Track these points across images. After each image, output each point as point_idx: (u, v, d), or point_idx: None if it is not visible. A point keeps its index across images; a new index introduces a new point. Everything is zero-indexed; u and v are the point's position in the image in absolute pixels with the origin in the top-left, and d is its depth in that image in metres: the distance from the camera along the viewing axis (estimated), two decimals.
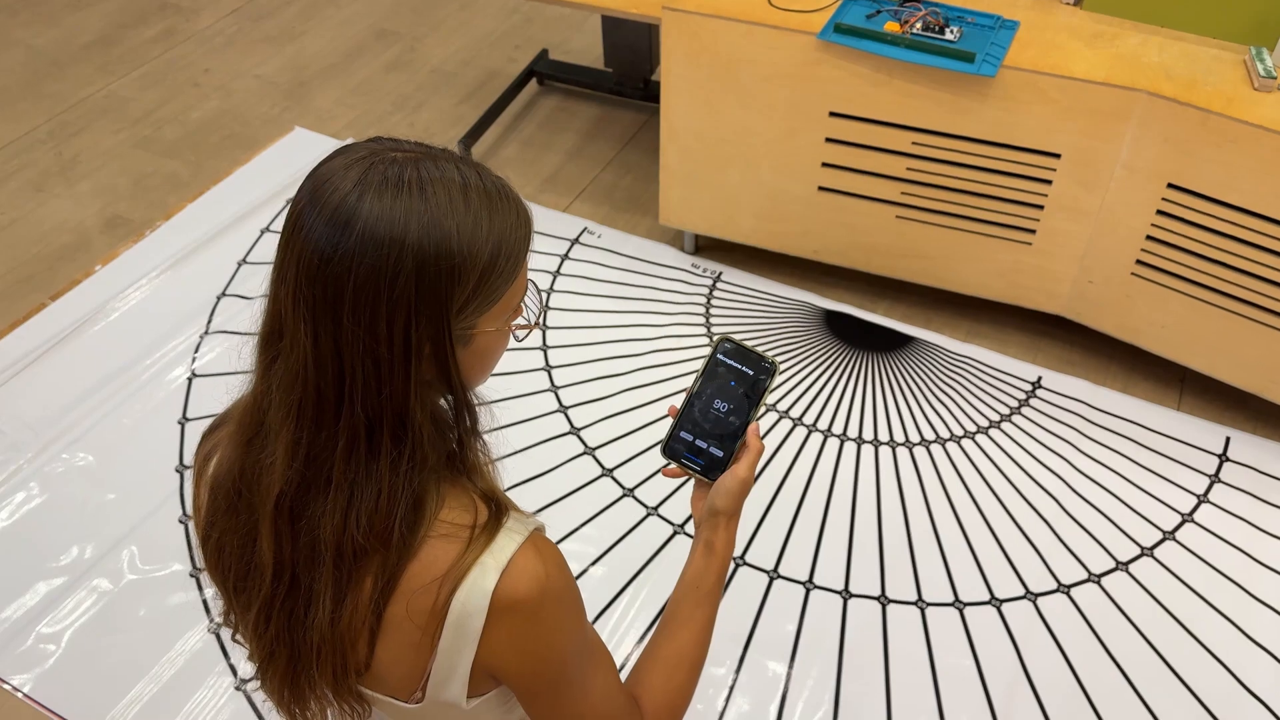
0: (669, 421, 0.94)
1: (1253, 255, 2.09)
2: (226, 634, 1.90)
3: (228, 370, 2.39)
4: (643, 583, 2.00)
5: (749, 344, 0.94)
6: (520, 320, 0.81)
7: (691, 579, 0.91)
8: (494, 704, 0.85)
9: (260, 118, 3.22)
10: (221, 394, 0.78)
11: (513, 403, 2.34)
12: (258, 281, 2.62)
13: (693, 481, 0.95)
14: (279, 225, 2.80)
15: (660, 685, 0.88)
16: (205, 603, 1.96)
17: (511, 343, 0.82)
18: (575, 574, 1.99)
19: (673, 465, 0.94)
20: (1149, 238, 2.20)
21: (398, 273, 0.70)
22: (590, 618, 1.77)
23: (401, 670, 0.79)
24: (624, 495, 2.16)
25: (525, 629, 0.77)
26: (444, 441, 0.78)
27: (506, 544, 0.76)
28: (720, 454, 0.92)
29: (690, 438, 0.93)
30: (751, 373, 0.93)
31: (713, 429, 0.92)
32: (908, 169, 2.32)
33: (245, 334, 2.50)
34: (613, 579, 2.00)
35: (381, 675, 0.80)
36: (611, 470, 2.20)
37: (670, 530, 2.09)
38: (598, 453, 2.24)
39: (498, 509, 0.78)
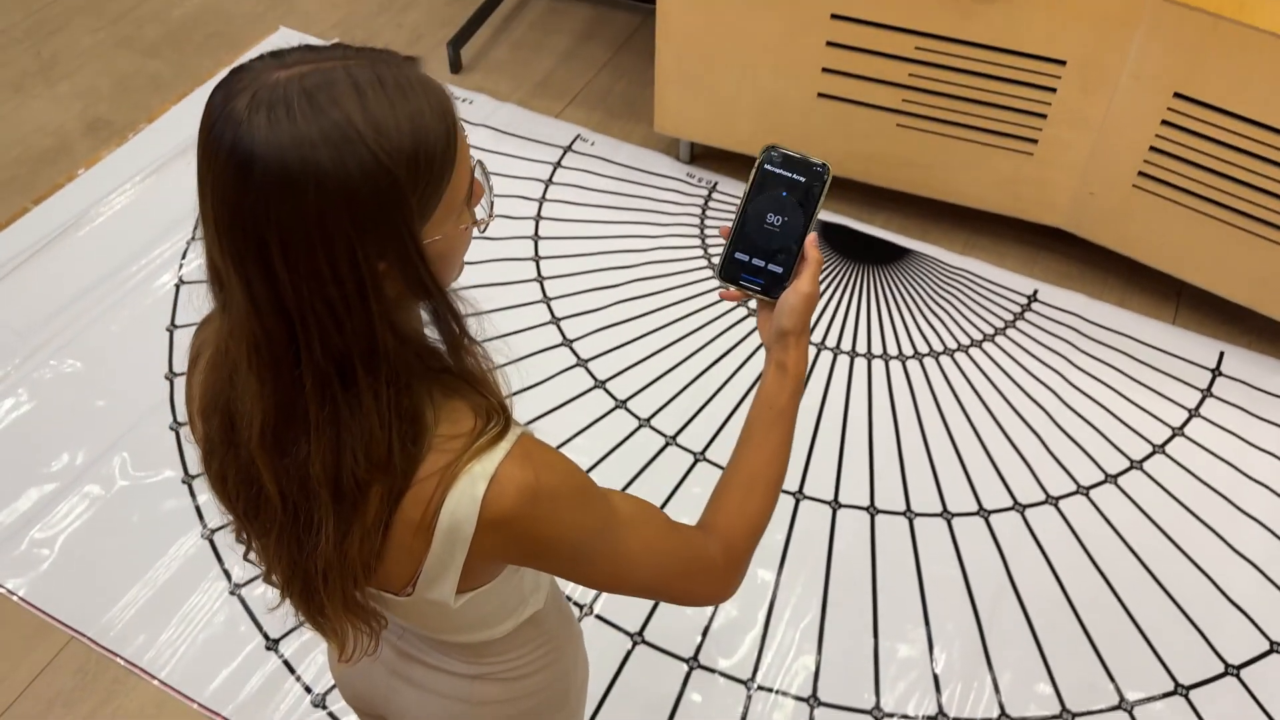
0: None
1: (1257, 168, 2.05)
2: (221, 539, 1.91)
3: None
4: (634, 493, 2.00)
5: (795, 150, 0.88)
6: (479, 212, 0.76)
7: (765, 399, 0.89)
8: (482, 601, 0.85)
9: (244, 16, 3.12)
10: (210, 302, 0.75)
11: (505, 314, 2.31)
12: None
13: (755, 304, 0.91)
14: None
15: (736, 507, 0.87)
16: (199, 509, 1.96)
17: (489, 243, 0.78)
18: None
19: (731, 289, 0.90)
20: (1153, 149, 2.15)
21: (324, 207, 0.63)
22: None
23: (394, 569, 0.79)
24: (616, 407, 2.15)
25: (520, 535, 0.77)
26: (432, 355, 0.75)
27: (495, 452, 0.75)
28: (780, 270, 0.87)
29: (746, 257, 0.88)
30: (804, 179, 0.87)
31: (769, 244, 0.87)
32: (910, 75, 2.26)
33: None
34: None
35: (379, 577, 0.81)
36: (604, 382, 2.20)
37: (662, 441, 2.09)
38: (590, 365, 2.23)
39: (492, 417, 0.76)
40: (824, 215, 2.55)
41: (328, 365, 0.69)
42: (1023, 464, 2.07)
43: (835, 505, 2.00)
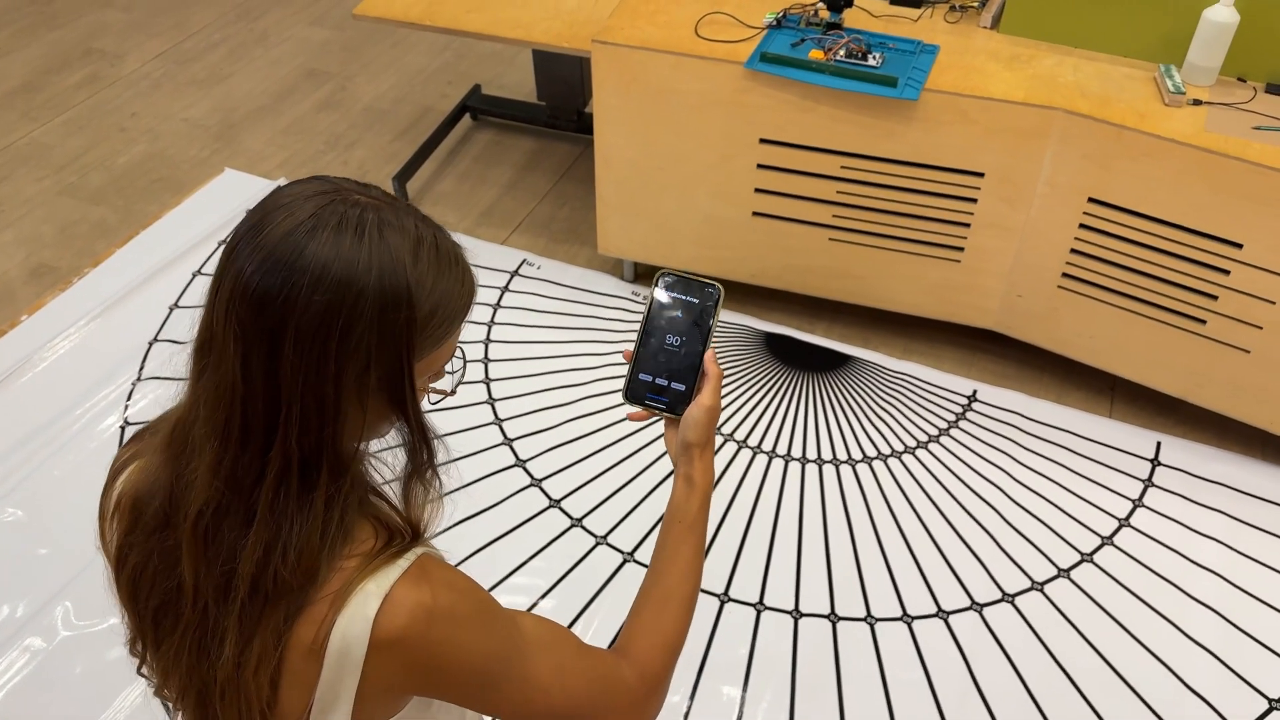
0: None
1: (1171, 264, 2.16)
2: None
3: None
4: (594, 613, 1.99)
5: (687, 274, 0.93)
6: (439, 384, 0.81)
7: (674, 513, 0.91)
8: None
9: (189, 160, 3.18)
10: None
11: (457, 437, 2.32)
12: (191, 326, 2.57)
13: (662, 421, 0.94)
14: (211, 268, 2.75)
15: (651, 627, 0.87)
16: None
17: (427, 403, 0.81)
18: (526, 607, 1.97)
19: (638, 409, 0.93)
20: (1073, 251, 2.26)
21: (356, 316, 0.69)
22: None
23: (287, 700, 0.76)
24: (572, 525, 2.15)
25: (416, 661, 0.74)
26: (368, 477, 0.78)
27: (390, 570, 0.74)
28: (682, 388, 0.91)
29: (649, 378, 0.92)
30: (697, 301, 0.92)
31: (670, 364, 0.91)
32: (838, 192, 2.36)
33: (179, 379, 2.45)
34: (564, 610, 1.99)
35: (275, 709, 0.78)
36: (559, 501, 2.19)
37: (620, 559, 2.08)
38: (544, 484, 2.23)
39: (395, 535, 0.76)
40: (766, 325, 2.62)
41: (296, 458, 0.71)
42: (977, 563, 2.09)
43: (796, 615, 2.00)
